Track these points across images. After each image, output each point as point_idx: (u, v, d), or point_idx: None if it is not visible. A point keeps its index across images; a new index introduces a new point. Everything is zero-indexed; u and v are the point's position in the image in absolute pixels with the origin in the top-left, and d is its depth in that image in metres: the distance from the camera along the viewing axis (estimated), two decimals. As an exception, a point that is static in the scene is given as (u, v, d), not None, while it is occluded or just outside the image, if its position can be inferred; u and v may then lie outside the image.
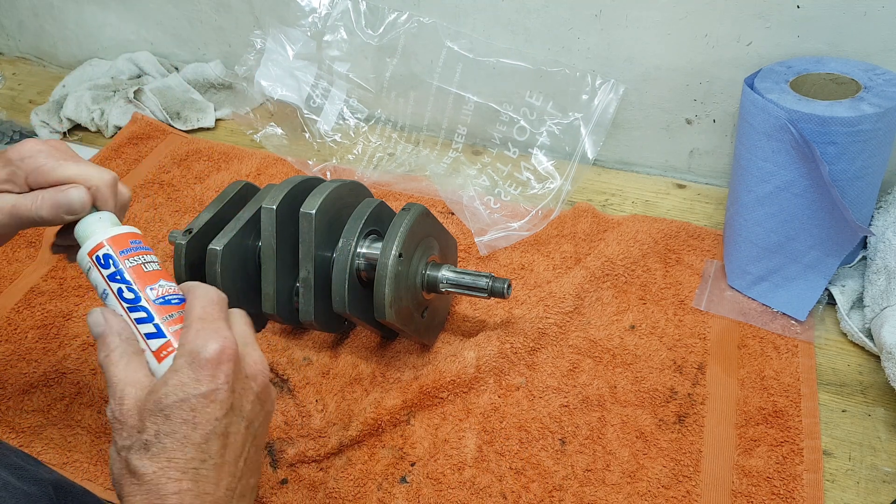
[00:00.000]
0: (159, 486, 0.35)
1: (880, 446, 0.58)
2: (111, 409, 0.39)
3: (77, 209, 0.44)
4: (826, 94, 0.66)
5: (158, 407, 0.37)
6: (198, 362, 0.38)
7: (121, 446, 0.38)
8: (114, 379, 0.39)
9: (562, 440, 0.60)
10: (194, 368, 0.38)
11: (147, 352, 0.42)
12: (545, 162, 0.86)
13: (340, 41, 0.90)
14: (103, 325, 0.41)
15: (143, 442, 0.37)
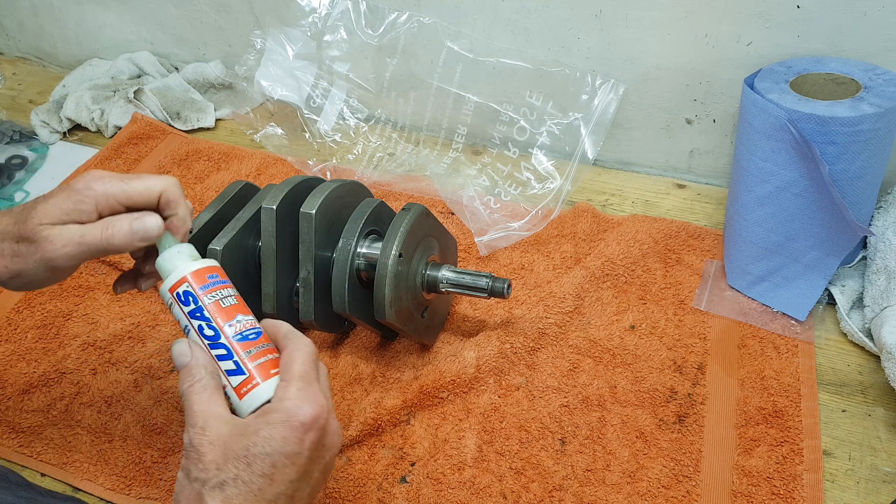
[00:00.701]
0: None
1: (880, 446, 0.58)
2: (190, 437, 0.39)
3: (154, 235, 0.45)
4: (826, 94, 0.66)
5: (244, 453, 0.38)
6: (291, 423, 0.39)
7: (194, 477, 0.38)
8: (196, 409, 0.40)
9: (562, 440, 0.60)
10: (286, 428, 0.39)
11: (228, 387, 0.43)
12: (545, 162, 0.86)
13: (340, 41, 0.90)
14: (189, 356, 0.42)
15: (220, 480, 0.38)
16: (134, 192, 0.45)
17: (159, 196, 0.46)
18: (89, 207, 0.44)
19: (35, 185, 0.94)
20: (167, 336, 0.72)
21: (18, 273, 0.45)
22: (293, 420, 0.39)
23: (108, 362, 0.69)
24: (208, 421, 0.39)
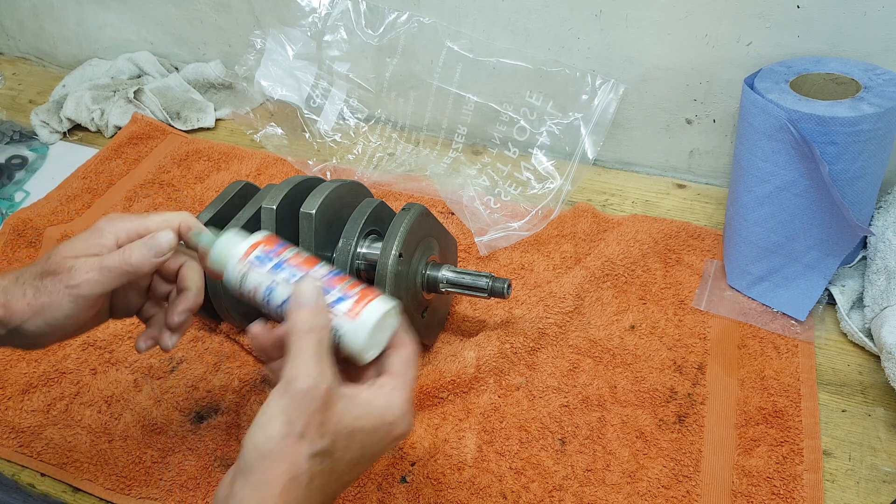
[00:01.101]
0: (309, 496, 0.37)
1: (880, 446, 0.58)
2: (299, 386, 0.37)
3: (167, 248, 0.47)
4: (826, 94, 0.66)
5: (347, 432, 0.38)
6: (391, 433, 0.40)
7: (299, 431, 0.36)
8: (311, 360, 0.38)
9: (562, 440, 0.60)
10: (386, 434, 0.39)
11: (337, 319, 0.41)
12: (545, 162, 0.86)
13: (340, 41, 0.90)
14: (316, 301, 0.40)
15: (320, 449, 0.37)
16: (152, 224, 0.47)
17: (178, 226, 0.48)
18: (110, 242, 0.47)
19: (35, 185, 0.94)
20: (167, 336, 0.72)
21: (41, 308, 0.46)
22: (394, 428, 0.40)
23: (108, 362, 0.69)
24: (322, 377, 0.38)
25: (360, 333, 0.41)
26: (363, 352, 0.42)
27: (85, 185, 0.90)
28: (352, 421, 0.38)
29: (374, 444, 0.39)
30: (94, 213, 0.86)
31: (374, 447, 0.39)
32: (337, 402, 0.38)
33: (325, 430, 0.37)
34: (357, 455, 0.38)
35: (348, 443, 0.38)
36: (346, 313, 0.41)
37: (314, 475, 0.37)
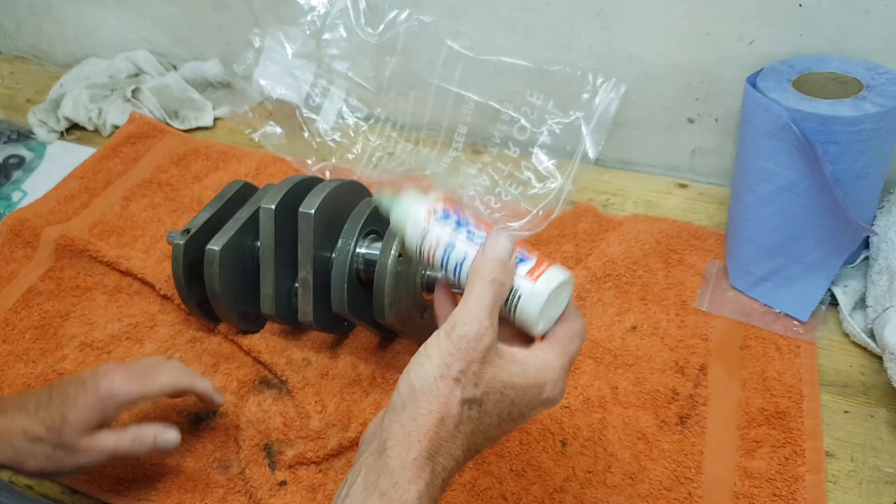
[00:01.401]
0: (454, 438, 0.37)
1: (883, 447, 0.58)
2: (466, 330, 0.37)
3: (173, 446, 0.55)
4: (828, 93, 0.66)
5: (501, 389, 0.38)
6: (542, 395, 0.39)
7: (455, 374, 0.37)
8: (484, 309, 0.38)
9: (562, 442, 0.60)
10: (537, 395, 0.39)
11: (518, 279, 0.40)
12: (546, 161, 0.86)
13: (340, 40, 0.90)
14: (510, 257, 0.40)
15: (472, 396, 0.37)
16: (150, 394, 0.54)
17: (172, 391, 0.56)
18: (114, 411, 0.53)
19: (33, 184, 0.94)
20: (165, 336, 0.71)
21: (49, 472, 0.53)
22: (544, 390, 0.39)
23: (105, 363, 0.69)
24: (489, 327, 0.38)
25: (537, 299, 0.40)
26: (536, 324, 0.41)
27: (83, 184, 0.90)
28: (506, 377, 0.38)
29: (523, 404, 0.39)
30: (91, 213, 0.86)
31: (523, 407, 0.39)
32: (495, 358, 0.38)
33: (479, 380, 0.37)
34: (505, 412, 0.38)
35: (499, 398, 0.38)
36: (527, 274, 0.41)
37: (462, 421, 0.37)
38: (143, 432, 0.54)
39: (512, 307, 0.41)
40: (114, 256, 0.78)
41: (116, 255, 0.78)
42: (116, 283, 0.77)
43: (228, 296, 0.65)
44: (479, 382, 0.37)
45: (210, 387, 0.58)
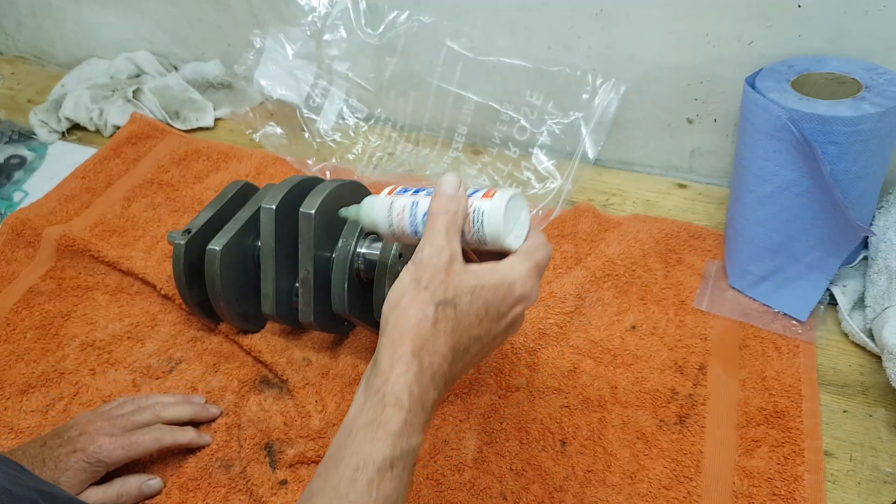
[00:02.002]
0: (435, 347, 0.40)
1: (881, 447, 0.58)
2: (429, 254, 0.42)
3: (157, 493, 0.58)
4: (827, 93, 0.66)
5: (471, 288, 0.42)
6: (513, 289, 0.43)
7: (424, 285, 0.41)
8: (440, 235, 0.42)
9: (562, 441, 0.60)
10: (508, 290, 0.42)
11: (473, 205, 0.45)
12: (546, 161, 0.86)
13: (340, 40, 0.90)
14: (456, 189, 0.44)
15: (445, 298, 0.41)
16: (134, 455, 0.57)
17: (157, 451, 0.59)
18: (102, 471, 0.56)
19: (34, 184, 0.94)
20: (166, 336, 0.72)
21: None
22: (515, 287, 0.43)
23: (106, 362, 0.69)
24: (446, 248, 0.42)
25: (497, 209, 0.44)
26: (505, 234, 0.44)
27: (84, 184, 0.90)
28: (475, 280, 0.42)
29: (498, 301, 0.42)
30: (92, 213, 0.86)
31: (499, 304, 0.42)
32: (461, 269, 0.42)
33: (447, 285, 0.41)
34: (482, 310, 0.42)
35: (471, 298, 0.42)
36: (482, 197, 0.45)
37: (439, 320, 0.40)
38: (127, 485, 0.57)
39: (479, 228, 0.45)
40: (115, 256, 0.78)
41: (117, 255, 0.78)
42: (117, 283, 0.77)
43: (229, 296, 0.65)
44: (448, 287, 0.41)
45: (194, 436, 0.61)
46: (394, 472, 0.38)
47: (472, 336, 0.42)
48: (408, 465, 0.39)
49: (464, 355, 0.43)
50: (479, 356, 0.45)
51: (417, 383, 0.39)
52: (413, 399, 0.39)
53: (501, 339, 0.45)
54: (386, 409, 0.39)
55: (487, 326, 0.43)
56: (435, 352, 0.40)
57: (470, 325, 0.42)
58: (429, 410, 0.40)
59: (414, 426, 0.39)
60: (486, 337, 0.43)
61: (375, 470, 0.37)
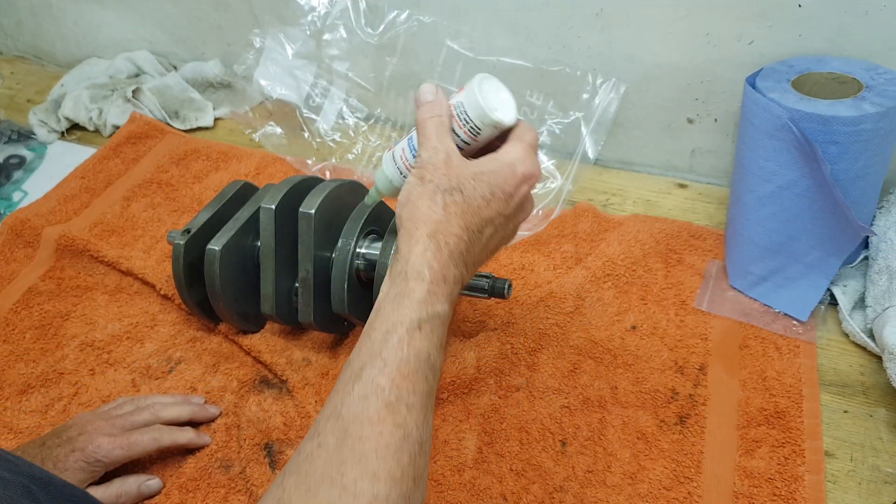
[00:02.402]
0: (450, 228, 0.43)
1: (882, 447, 0.58)
2: (428, 155, 0.45)
3: (156, 493, 0.58)
4: (828, 93, 0.66)
5: (472, 174, 0.44)
6: (514, 170, 0.45)
7: (428, 180, 0.44)
8: (433, 136, 0.45)
9: (562, 441, 0.60)
10: (509, 171, 0.45)
11: (453, 99, 0.48)
12: (546, 161, 0.86)
13: (340, 40, 0.90)
14: (433, 95, 0.47)
15: (450, 186, 0.44)
16: (133, 455, 0.57)
17: (156, 451, 0.59)
18: (101, 471, 0.56)
19: (33, 184, 0.94)
20: (165, 336, 0.71)
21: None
22: (516, 168, 0.45)
23: (106, 363, 0.69)
24: (441, 147, 0.45)
25: (472, 90, 0.46)
26: (491, 110, 0.46)
27: (83, 184, 0.90)
28: (475, 167, 0.45)
29: (502, 182, 0.45)
30: (92, 213, 0.86)
31: (504, 185, 0.45)
32: (460, 162, 0.45)
33: (450, 176, 0.44)
34: (488, 192, 0.44)
35: (475, 183, 0.44)
36: (458, 92, 0.48)
37: (448, 204, 0.43)
38: (126, 486, 0.57)
39: (465, 118, 0.47)
40: (114, 256, 0.78)
41: (117, 255, 0.78)
42: (117, 283, 0.77)
43: (229, 295, 0.65)
44: (451, 177, 0.44)
45: (193, 436, 0.60)
46: (422, 332, 0.40)
47: (484, 218, 0.44)
48: (436, 328, 0.41)
49: (479, 237, 0.45)
50: (496, 239, 0.47)
51: (436, 259, 0.42)
52: (434, 272, 0.41)
53: (515, 223, 0.47)
54: (409, 283, 0.41)
55: (497, 208, 0.45)
56: (449, 233, 0.43)
57: (479, 206, 0.44)
58: (451, 284, 0.42)
59: (437, 295, 0.41)
60: (498, 219, 0.45)
61: (405, 330, 0.39)
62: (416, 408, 0.37)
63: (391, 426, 0.35)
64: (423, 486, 0.37)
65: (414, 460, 0.36)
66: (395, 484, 0.34)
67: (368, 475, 0.34)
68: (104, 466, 0.56)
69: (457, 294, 0.44)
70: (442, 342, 0.41)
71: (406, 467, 0.35)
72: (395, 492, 0.34)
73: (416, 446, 0.36)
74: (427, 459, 0.38)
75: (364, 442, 0.35)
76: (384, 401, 0.36)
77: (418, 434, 0.36)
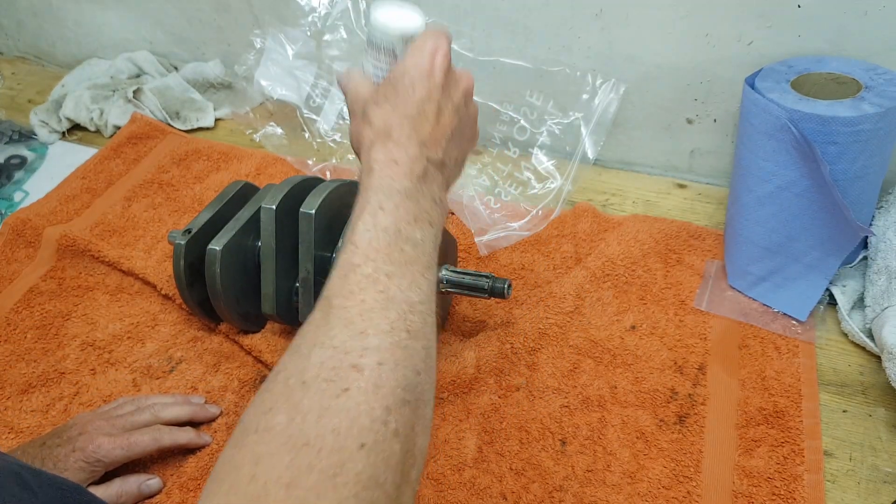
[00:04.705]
0: (388, 125, 0.44)
1: (881, 447, 0.58)
2: (349, 103, 0.49)
3: (156, 492, 0.58)
4: (827, 93, 0.66)
5: (388, 83, 0.46)
6: (420, 50, 0.46)
7: (353, 111, 0.48)
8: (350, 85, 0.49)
9: (562, 441, 0.60)
10: (417, 54, 0.46)
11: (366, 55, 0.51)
12: (545, 162, 0.86)
13: (340, 40, 0.90)
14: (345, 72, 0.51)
15: (375, 99, 0.46)
16: (133, 455, 0.58)
17: (156, 451, 0.59)
18: (101, 470, 0.57)
19: (34, 184, 0.94)
20: (166, 336, 0.72)
21: None
22: (422, 48, 0.46)
23: (107, 362, 0.69)
24: (360, 87, 0.48)
25: (371, 20, 0.49)
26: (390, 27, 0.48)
27: (84, 184, 0.90)
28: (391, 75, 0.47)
29: (413, 66, 0.46)
30: (93, 213, 0.86)
31: (418, 66, 0.46)
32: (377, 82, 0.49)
33: (378, 90, 0.47)
34: (407, 80, 0.45)
35: (398, 78, 0.46)
36: None
37: (382, 106, 0.45)
38: (127, 485, 0.57)
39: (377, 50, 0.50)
40: (115, 256, 0.78)
41: (118, 255, 0.78)
42: (118, 283, 0.77)
43: (229, 295, 0.65)
44: (379, 90, 0.47)
45: (193, 436, 0.61)
46: (385, 210, 0.41)
47: (418, 99, 0.45)
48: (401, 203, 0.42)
49: (422, 117, 0.45)
50: (446, 115, 0.46)
51: (382, 151, 0.44)
52: (381, 162, 0.43)
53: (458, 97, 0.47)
54: (364, 180, 0.43)
55: (428, 87, 0.45)
56: (389, 125, 0.44)
57: (407, 98, 0.45)
58: (407, 163, 0.43)
59: (392, 177, 0.43)
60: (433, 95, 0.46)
61: (368, 215, 0.41)
62: (397, 275, 0.38)
63: (372, 293, 0.37)
64: (426, 341, 0.38)
65: (404, 316, 0.37)
66: (384, 336, 0.35)
67: (356, 334, 0.35)
68: (104, 466, 0.56)
69: (430, 172, 0.44)
70: (414, 216, 0.41)
71: (395, 321, 0.36)
72: (387, 341, 0.35)
73: (404, 305, 0.37)
74: (425, 319, 0.38)
75: (348, 310, 0.36)
76: (361, 274, 0.38)
77: (403, 296, 0.38)
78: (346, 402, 0.33)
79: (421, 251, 0.40)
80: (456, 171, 0.49)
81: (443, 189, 0.46)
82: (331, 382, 0.33)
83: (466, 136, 0.50)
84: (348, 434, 0.32)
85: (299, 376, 0.34)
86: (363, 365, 0.34)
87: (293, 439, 0.32)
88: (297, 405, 0.33)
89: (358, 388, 0.33)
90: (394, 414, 0.33)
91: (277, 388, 0.34)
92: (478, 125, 0.52)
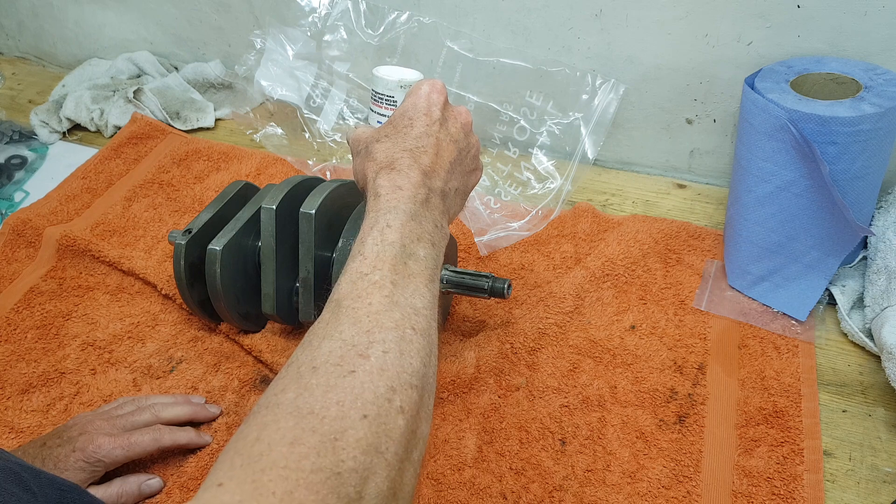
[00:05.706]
0: (390, 157, 0.48)
1: (881, 446, 0.58)
2: (352, 143, 0.53)
3: (157, 492, 0.59)
4: (826, 93, 0.66)
5: (387, 123, 0.51)
6: (416, 91, 0.51)
7: (356, 151, 0.52)
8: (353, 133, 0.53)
9: (562, 440, 0.60)
10: (413, 95, 0.51)
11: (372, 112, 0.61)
12: (545, 162, 0.86)
13: (340, 41, 0.90)
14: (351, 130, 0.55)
15: (376, 137, 0.50)
16: (133, 455, 0.58)
17: (156, 451, 0.59)
18: (101, 470, 0.57)
19: (34, 184, 0.94)
20: (166, 336, 0.72)
21: None
22: (418, 90, 0.51)
23: (107, 362, 0.69)
24: (361, 129, 0.53)
25: (376, 75, 0.60)
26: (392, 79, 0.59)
27: (84, 185, 0.90)
28: (392, 115, 0.52)
29: (411, 105, 0.50)
30: (93, 213, 0.86)
31: (415, 104, 0.50)
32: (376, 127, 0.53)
33: (379, 130, 0.51)
34: (406, 119, 0.50)
35: (398, 119, 0.50)
36: None
37: (385, 143, 0.49)
38: (127, 485, 0.58)
39: (380, 96, 0.60)
40: (115, 256, 0.78)
41: (118, 255, 0.78)
42: (118, 283, 0.78)
43: (230, 295, 0.65)
44: (380, 131, 0.51)
45: (193, 436, 0.61)
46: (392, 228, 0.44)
47: (417, 134, 0.49)
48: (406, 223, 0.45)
49: (421, 150, 0.49)
50: (446, 146, 0.50)
51: (387, 178, 0.47)
52: (386, 188, 0.46)
53: (455, 129, 0.51)
54: (371, 203, 0.47)
55: (423, 122, 0.49)
56: (392, 158, 0.48)
57: (405, 133, 0.49)
58: (411, 189, 0.46)
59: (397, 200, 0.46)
60: (431, 129, 0.49)
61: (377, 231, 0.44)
62: (401, 284, 0.41)
63: (379, 297, 0.40)
64: (429, 340, 0.40)
65: (408, 317, 0.40)
66: (389, 331, 0.38)
67: (364, 331, 0.38)
68: (104, 466, 0.57)
69: (432, 199, 0.47)
70: (417, 235, 0.44)
71: (400, 321, 0.39)
72: (392, 335, 0.38)
73: (409, 309, 0.40)
74: (429, 322, 0.41)
75: (356, 310, 0.39)
76: (369, 281, 0.41)
77: (408, 301, 0.40)
78: (351, 381, 0.35)
79: (424, 266, 0.43)
80: (458, 201, 0.52)
81: (444, 216, 0.49)
82: (338, 366, 0.36)
83: (467, 167, 0.52)
84: (352, 406, 0.34)
85: (310, 363, 0.37)
86: (370, 353, 0.37)
87: (299, 409, 0.34)
88: (307, 385, 0.35)
89: (364, 371, 0.36)
90: (399, 394, 0.36)
91: (289, 374, 0.37)
92: (479, 159, 0.55)
